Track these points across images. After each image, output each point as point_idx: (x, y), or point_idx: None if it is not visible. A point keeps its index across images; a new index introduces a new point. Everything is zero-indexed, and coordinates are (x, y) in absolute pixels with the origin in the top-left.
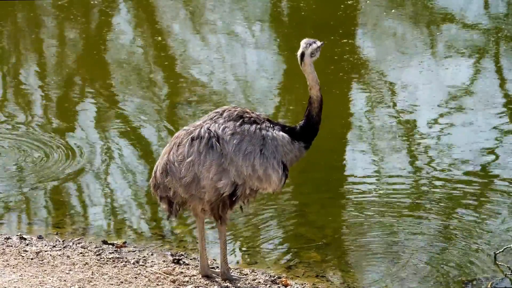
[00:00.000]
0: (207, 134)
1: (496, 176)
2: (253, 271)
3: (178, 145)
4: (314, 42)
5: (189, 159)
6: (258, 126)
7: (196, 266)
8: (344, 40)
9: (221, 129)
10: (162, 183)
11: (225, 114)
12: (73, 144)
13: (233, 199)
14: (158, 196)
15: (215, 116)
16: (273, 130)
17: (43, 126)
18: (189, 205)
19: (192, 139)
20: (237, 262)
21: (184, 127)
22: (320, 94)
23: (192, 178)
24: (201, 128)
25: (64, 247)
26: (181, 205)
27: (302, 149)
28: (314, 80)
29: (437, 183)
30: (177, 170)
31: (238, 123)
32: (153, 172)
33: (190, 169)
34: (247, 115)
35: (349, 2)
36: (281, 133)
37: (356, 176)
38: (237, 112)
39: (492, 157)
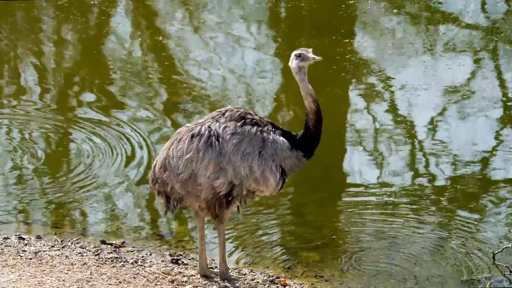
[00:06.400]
0: (207, 132)
1: (495, 176)
2: (251, 271)
3: (179, 141)
4: (306, 51)
5: (188, 155)
6: (260, 128)
7: (195, 266)
8: (346, 40)
9: (221, 128)
10: (160, 178)
11: (227, 114)
12: (72, 144)
13: (229, 198)
14: (156, 191)
15: (217, 115)
16: (274, 134)
17: (41, 126)
18: (186, 201)
19: (192, 136)
20: (236, 262)
21: (187, 124)
22: (314, 106)
23: (189, 175)
24: (202, 126)
25: (62, 247)
26: (179, 201)
27: (301, 158)
28: (305, 90)
29: (436, 183)
30: (175, 166)
31: (239, 124)
32: (152, 166)
33: (188, 165)
34: (249, 117)
35: (350, 2)
36: (281, 138)
37: (355, 176)
38: (239, 113)
39: (491, 157)
